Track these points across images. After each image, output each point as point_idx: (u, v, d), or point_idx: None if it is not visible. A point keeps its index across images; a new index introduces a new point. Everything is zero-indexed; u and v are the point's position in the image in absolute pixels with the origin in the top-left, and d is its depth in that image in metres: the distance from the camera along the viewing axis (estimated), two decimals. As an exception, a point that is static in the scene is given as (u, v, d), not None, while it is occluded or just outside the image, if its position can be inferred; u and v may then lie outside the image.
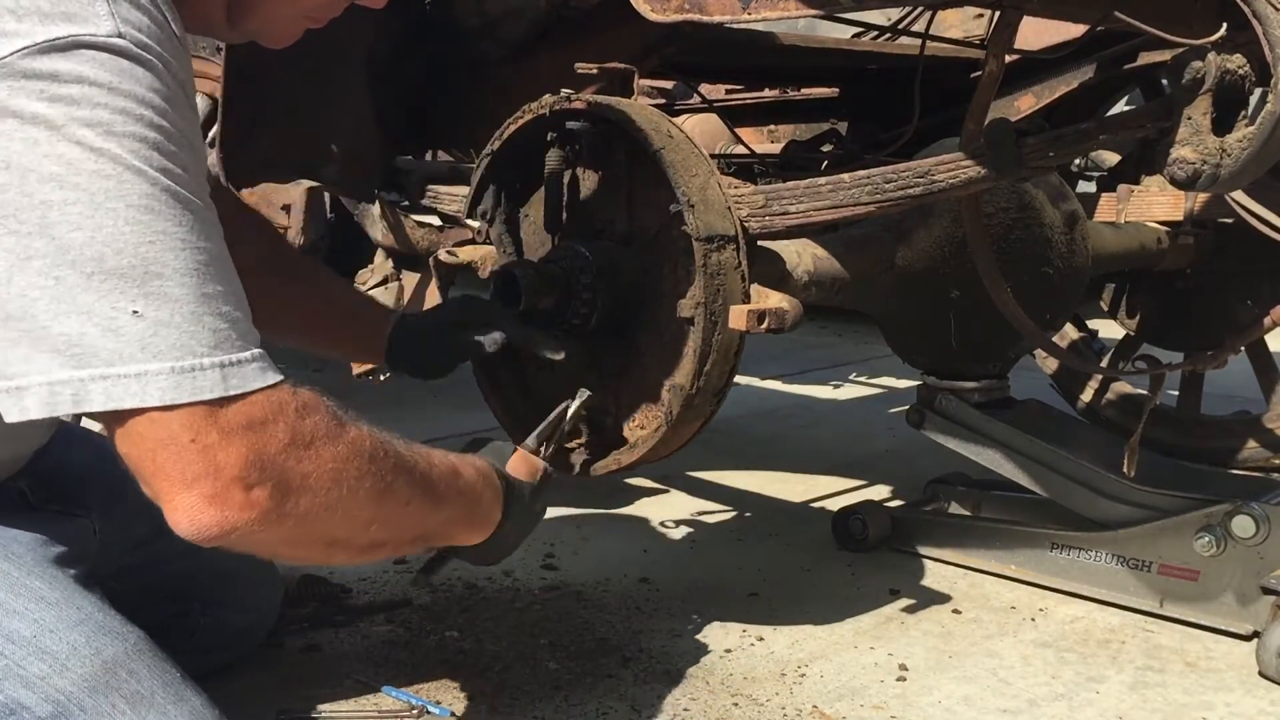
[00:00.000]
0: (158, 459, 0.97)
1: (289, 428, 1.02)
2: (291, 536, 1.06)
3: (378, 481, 1.11)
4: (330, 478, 1.05)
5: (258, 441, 0.99)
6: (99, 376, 0.94)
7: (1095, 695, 1.65)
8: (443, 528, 1.30)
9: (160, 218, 0.96)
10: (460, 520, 1.32)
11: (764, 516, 2.48)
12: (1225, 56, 1.21)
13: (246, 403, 0.99)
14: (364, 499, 1.09)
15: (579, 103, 1.61)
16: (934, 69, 2.24)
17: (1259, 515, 1.78)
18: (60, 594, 1.19)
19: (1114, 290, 2.83)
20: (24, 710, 1.12)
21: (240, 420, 0.98)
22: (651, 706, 1.58)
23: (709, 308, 1.52)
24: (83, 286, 0.93)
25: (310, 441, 1.03)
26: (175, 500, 0.98)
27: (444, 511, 1.26)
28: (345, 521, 1.09)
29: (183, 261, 0.97)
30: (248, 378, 0.99)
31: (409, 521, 1.20)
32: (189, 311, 0.97)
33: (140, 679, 1.17)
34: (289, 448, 1.01)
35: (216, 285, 0.99)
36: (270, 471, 0.99)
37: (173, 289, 0.96)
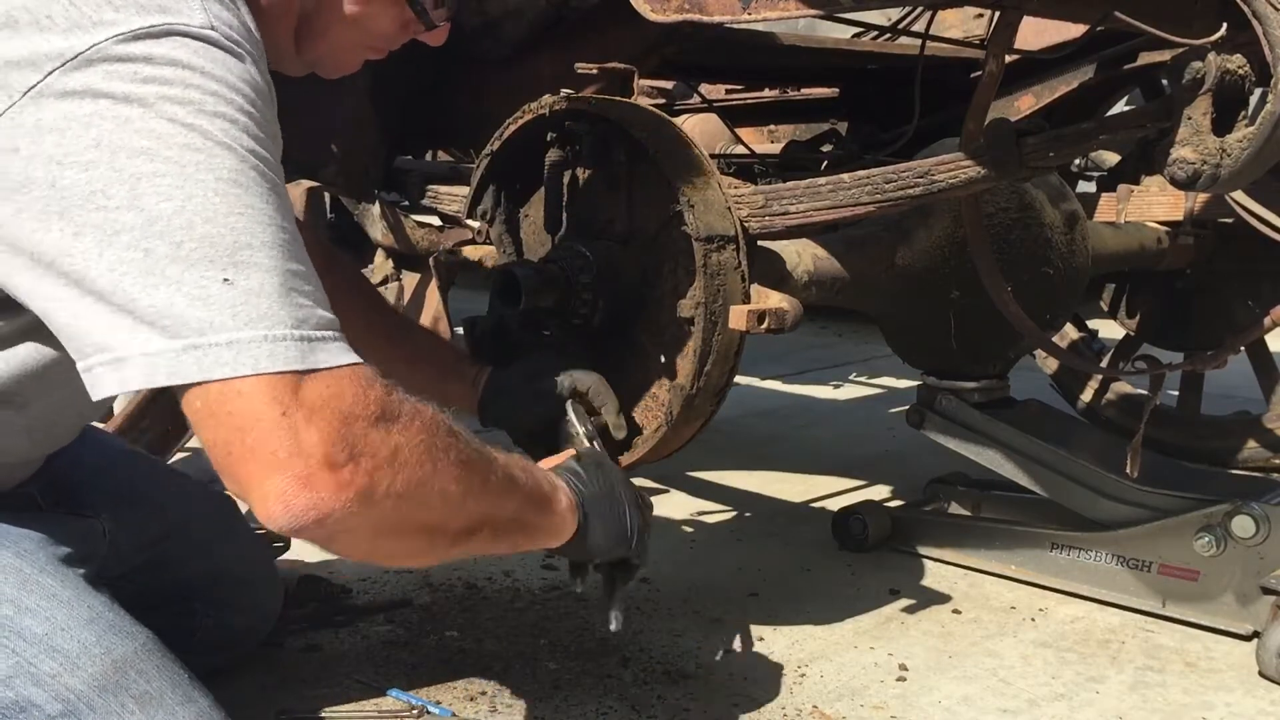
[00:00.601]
0: (247, 441, 0.94)
1: (378, 402, 0.99)
2: (389, 520, 1.01)
3: (462, 454, 1.08)
4: (422, 449, 1.02)
5: (346, 419, 0.96)
6: (191, 346, 0.93)
7: (1095, 695, 1.65)
8: (527, 511, 1.23)
9: (248, 192, 0.98)
10: (541, 498, 1.26)
11: (764, 516, 2.48)
12: (1225, 56, 1.21)
13: (332, 377, 0.97)
14: (455, 471, 1.06)
15: (579, 103, 1.61)
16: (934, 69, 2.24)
17: (1259, 515, 1.78)
18: (72, 592, 1.20)
19: (1114, 290, 2.83)
20: (34, 708, 1.13)
21: (327, 398, 0.96)
22: (651, 706, 1.58)
23: (709, 308, 1.52)
24: (171, 257, 0.93)
25: (397, 416, 1.01)
26: (266, 486, 0.94)
27: (520, 490, 1.20)
28: (441, 499, 1.05)
29: (270, 235, 0.98)
30: (331, 353, 0.98)
31: (497, 498, 1.16)
32: (277, 283, 0.97)
33: (149, 679, 1.18)
34: (378, 423, 0.98)
35: (298, 264, 1.00)
36: (362, 448, 0.96)
37: (261, 259, 0.96)
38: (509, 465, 1.19)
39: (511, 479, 1.18)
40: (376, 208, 2.13)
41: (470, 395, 1.63)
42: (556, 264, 1.62)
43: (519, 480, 1.20)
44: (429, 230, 2.18)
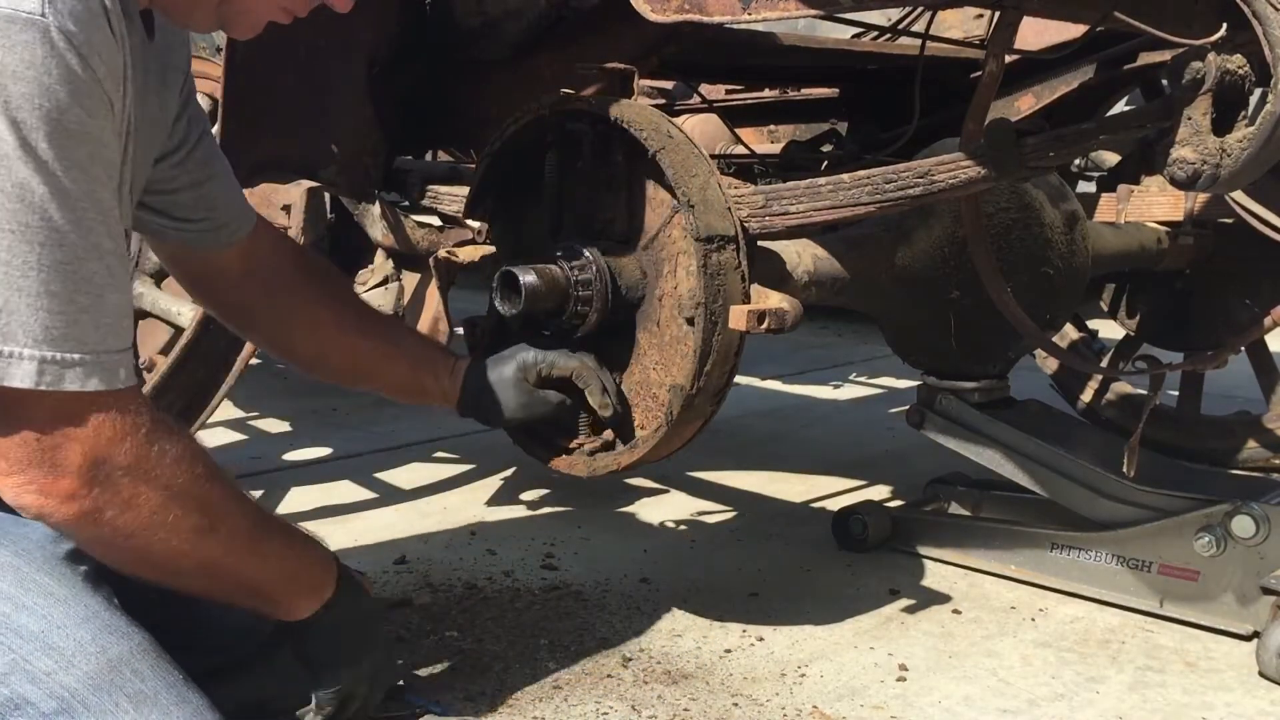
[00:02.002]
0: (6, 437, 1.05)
1: (132, 452, 1.10)
2: (103, 541, 1.14)
3: (203, 523, 1.19)
4: (159, 505, 1.14)
5: (98, 457, 1.08)
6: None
7: (1095, 695, 1.65)
8: (267, 586, 1.32)
9: (30, 208, 1.01)
10: (285, 586, 1.33)
11: (764, 516, 2.48)
12: (1225, 56, 1.21)
13: (80, 404, 1.07)
14: (185, 535, 1.17)
15: (579, 103, 1.61)
16: (934, 69, 2.24)
17: (1259, 515, 1.78)
18: (68, 591, 1.20)
19: (1114, 290, 2.83)
20: (29, 705, 1.13)
21: (84, 429, 1.07)
22: (651, 706, 1.58)
23: (709, 308, 1.52)
24: None
25: (151, 468, 1.12)
26: (7, 477, 1.07)
27: (265, 570, 1.30)
28: (162, 547, 1.17)
29: (38, 256, 1.01)
30: (64, 378, 1.05)
31: (222, 567, 1.25)
32: (27, 304, 1.02)
33: (144, 678, 1.18)
34: (130, 467, 1.10)
35: (69, 286, 1.04)
36: (100, 482, 1.09)
37: (18, 278, 1.01)
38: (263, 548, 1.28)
39: (261, 560, 1.29)
40: (376, 208, 2.13)
41: (449, 388, 1.66)
42: (557, 264, 1.62)
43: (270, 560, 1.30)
44: (429, 230, 2.18)
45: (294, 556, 1.34)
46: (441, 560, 2.13)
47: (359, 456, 2.88)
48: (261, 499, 2.51)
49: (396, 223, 2.13)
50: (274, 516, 1.33)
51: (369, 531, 2.30)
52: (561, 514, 2.44)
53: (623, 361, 1.67)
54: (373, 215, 2.13)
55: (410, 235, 2.14)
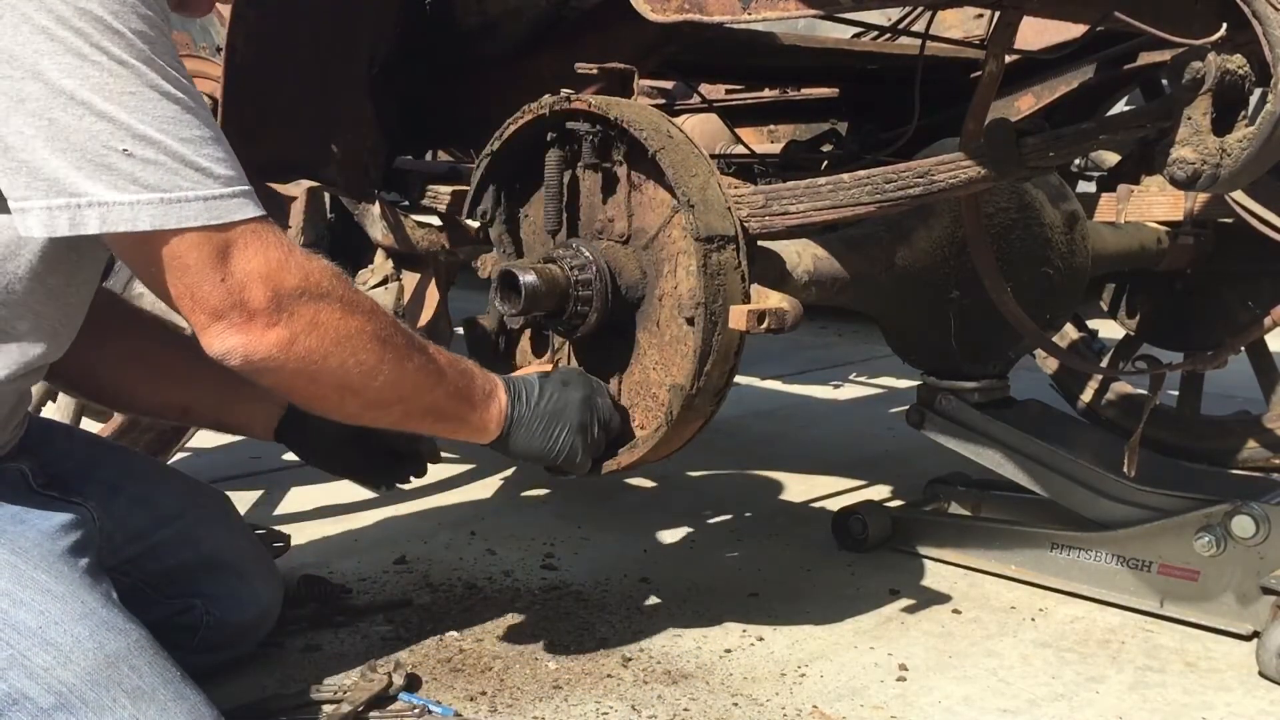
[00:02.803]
0: (195, 296, 1.15)
1: (300, 270, 1.19)
2: (306, 370, 1.21)
3: (380, 331, 1.27)
4: (339, 319, 1.22)
5: (276, 287, 1.17)
6: (95, 203, 1.10)
7: (1095, 695, 1.65)
8: (449, 403, 1.39)
9: (137, 73, 1.11)
10: (463, 397, 1.41)
11: (764, 516, 2.48)
12: (1225, 56, 1.21)
13: (249, 238, 1.16)
14: (370, 344, 1.25)
15: (579, 103, 1.61)
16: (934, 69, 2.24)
17: (1259, 515, 1.78)
18: (65, 588, 1.20)
19: (1114, 290, 2.83)
20: (27, 700, 1.13)
21: (254, 263, 1.15)
22: (651, 706, 1.58)
23: (709, 308, 1.52)
24: (75, 128, 1.08)
25: (320, 284, 1.21)
26: (209, 328, 1.16)
27: (445, 383, 1.38)
28: (355, 365, 1.25)
29: (161, 109, 1.12)
30: (229, 210, 1.15)
31: (414, 380, 1.32)
32: (172, 151, 1.12)
33: (141, 674, 1.18)
34: (302, 288, 1.19)
35: (195, 130, 1.14)
36: (287, 310, 1.18)
37: (154, 133, 1.11)
38: (438, 362, 1.37)
39: (436, 374, 1.36)
40: (376, 208, 2.13)
41: (273, 417, 1.69)
42: (556, 264, 1.62)
43: (444, 377, 1.38)
44: (429, 230, 2.18)
45: (459, 368, 1.41)
46: (441, 560, 2.13)
47: (359, 456, 2.87)
48: (261, 499, 2.51)
49: (396, 223, 2.13)
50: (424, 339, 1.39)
51: (369, 531, 2.30)
52: (561, 514, 2.44)
53: (623, 361, 1.67)
54: (373, 215, 2.13)
55: (410, 235, 2.14)
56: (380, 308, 1.30)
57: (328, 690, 1.57)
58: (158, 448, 2.25)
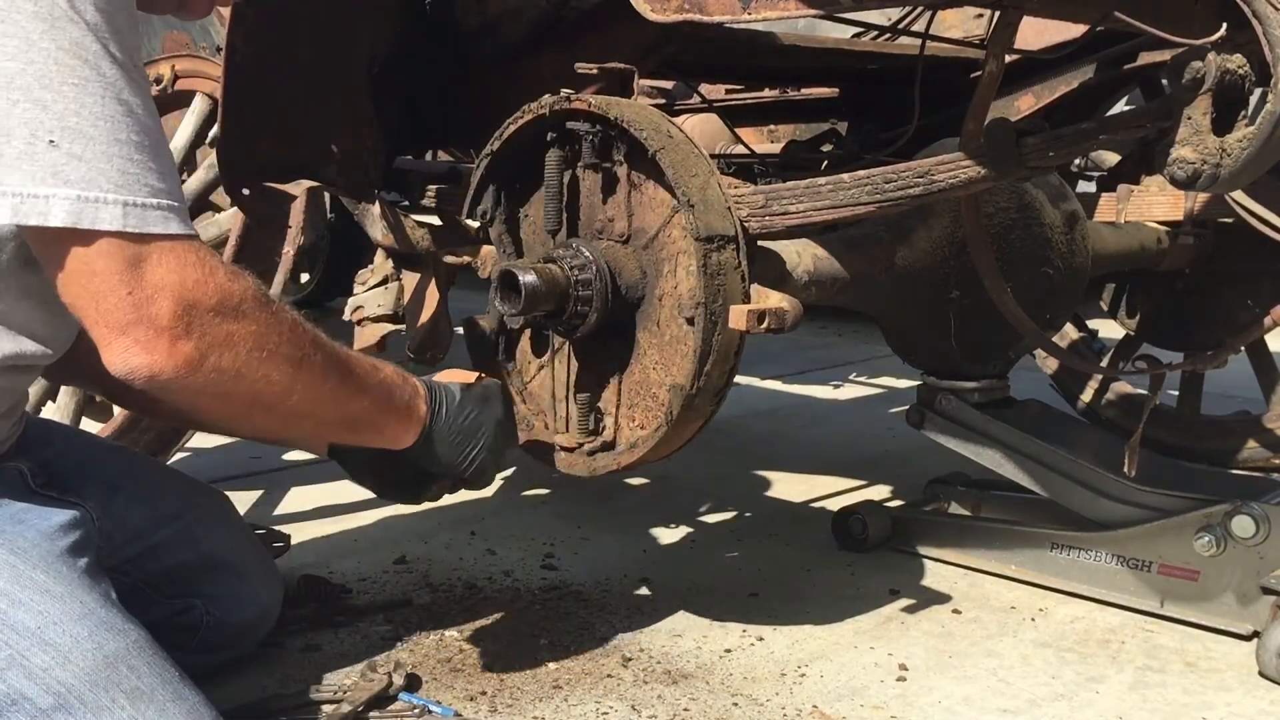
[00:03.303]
0: (100, 307, 1.10)
1: (218, 290, 1.14)
2: (217, 389, 1.17)
3: (297, 351, 1.23)
4: (254, 339, 1.18)
5: (189, 302, 1.12)
6: (10, 193, 1.06)
7: (1095, 695, 1.65)
8: (366, 415, 1.37)
9: (86, 65, 1.07)
10: (383, 409, 1.39)
11: (764, 516, 2.48)
12: (1225, 56, 1.21)
13: (170, 252, 1.11)
14: (284, 364, 1.22)
15: (579, 103, 1.61)
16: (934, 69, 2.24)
17: (1259, 515, 1.78)
18: (64, 588, 1.20)
19: (1114, 290, 2.83)
20: (25, 701, 1.13)
21: (170, 276, 1.11)
22: (651, 706, 1.58)
23: (709, 308, 1.52)
24: (5, 112, 1.05)
25: (237, 305, 1.16)
26: (112, 344, 1.10)
27: (365, 397, 1.35)
28: (267, 386, 1.20)
29: (102, 107, 1.08)
30: (148, 220, 1.10)
31: (330, 397, 1.30)
32: (100, 151, 1.08)
33: (140, 675, 1.18)
34: (217, 307, 1.14)
35: (132, 135, 1.10)
36: (196, 327, 1.13)
37: (88, 128, 1.07)
38: (357, 375, 1.34)
39: (355, 389, 1.34)
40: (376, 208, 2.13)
41: None
42: (556, 264, 1.62)
43: (364, 391, 1.35)
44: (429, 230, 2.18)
45: (382, 383, 1.39)
46: (441, 560, 2.13)
47: (359, 456, 2.87)
48: (261, 499, 2.51)
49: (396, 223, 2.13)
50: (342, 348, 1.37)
51: (369, 531, 2.30)
52: (561, 514, 2.44)
53: (623, 361, 1.67)
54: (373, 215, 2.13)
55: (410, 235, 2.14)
56: (302, 328, 1.26)
57: (328, 690, 1.57)
58: (158, 448, 2.25)
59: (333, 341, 1.33)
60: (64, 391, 2.32)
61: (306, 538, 2.22)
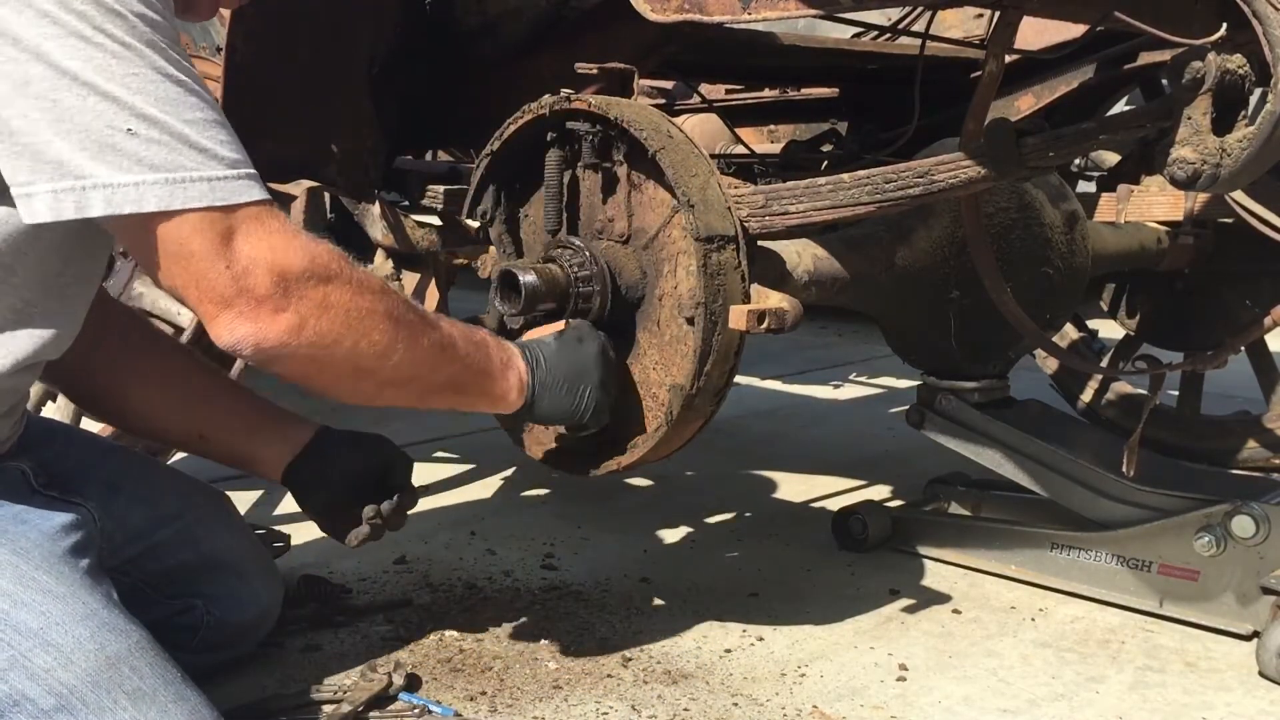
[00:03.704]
0: (201, 286, 1.14)
1: (305, 252, 1.18)
2: (319, 354, 1.20)
3: (392, 310, 1.26)
4: (349, 300, 1.20)
5: (282, 270, 1.15)
6: (100, 185, 1.09)
7: (1095, 695, 1.65)
8: (467, 376, 1.38)
9: (140, 54, 1.11)
10: (481, 370, 1.40)
11: (764, 516, 2.48)
12: (1225, 56, 1.21)
13: (253, 221, 1.15)
14: (382, 324, 1.24)
15: (579, 103, 1.61)
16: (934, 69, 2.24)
17: (1259, 515, 1.78)
18: (66, 589, 1.20)
19: (1114, 290, 2.83)
20: (28, 702, 1.13)
21: (259, 247, 1.14)
22: (651, 706, 1.58)
23: (709, 308, 1.52)
24: (79, 109, 1.08)
25: (326, 267, 1.19)
26: (218, 317, 1.15)
27: (461, 358, 1.36)
28: (369, 346, 1.24)
29: (165, 90, 1.12)
30: (233, 191, 1.14)
31: (429, 357, 1.31)
32: (176, 133, 1.11)
33: (142, 676, 1.18)
34: (309, 274, 1.17)
35: (197, 112, 1.14)
36: (294, 294, 1.16)
37: (157, 113, 1.11)
38: (452, 335, 1.35)
39: (450, 348, 1.35)
40: (376, 208, 2.13)
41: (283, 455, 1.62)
42: (556, 264, 1.62)
43: (459, 351, 1.36)
44: (429, 230, 2.18)
45: (477, 342, 1.40)
46: (441, 560, 2.13)
47: (359, 456, 2.87)
48: (261, 499, 2.51)
49: (396, 223, 2.13)
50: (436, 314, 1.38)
51: (369, 531, 2.30)
52: (561, 514, 2.44)
53: (622, 361, 1.67)
54: (373, 215, 2.13)
55: (410, 235, 2.14)
56: (389, 287, 1.28)
57: (328, 690, 1.57)
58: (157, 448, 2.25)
59: (421, 306, 1.35)
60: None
61: (306, 538, 2.22)
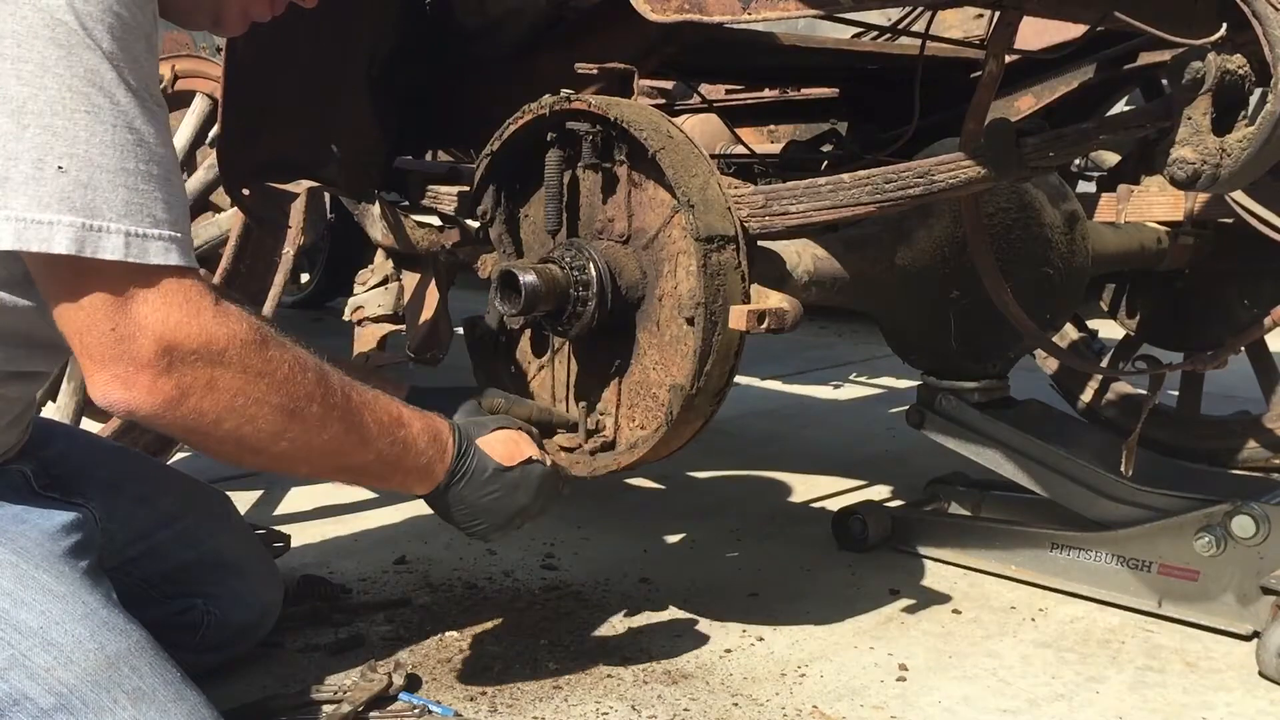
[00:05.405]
0: (84, 340, 1.09)
1: (203, 332, 1.12)
2: (196, 429, 1.16)
3: (289, 401, 1.19)
4: (239, 386, 1.15)
5: (171, 343, 1.10)
6: (14, 218, 1.04)
7: (1095, 695, 1.65)
8: (372, 468, 1.33)
9: (100, 92, 1.06)
10: (390, 467, 1.35)
11: (764, 516, 2.48)
12: (1225, 56, 1.21)
13: (160, 288, 1.10)
14: (270, 415, 1.19)
15: (579, 103, 1.61)
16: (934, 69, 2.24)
17: (1259, 515, 1.78)
18: (67, 588, 1.20)
19: (1114, 290, 2.83)
20: (28, 701, 1.13)
21: (155, 314, 1.09)
22: (651, 706, 1.58)
23: (709, 308, 1.52)
24: (15, 135, 1.04)
25: (222, 350, 1.14)
26: (94, 375, 1.10)
27: (369, 452, 1.31)
28: (251, 431, 1.18)
29: (113, 135, 1.07)
30: (149, 251, 1.09)
31: (325, 448, 1.26)
32: (108, 179, 1.07)
33: (142, 675, 1.18)
34: (199, 351, 1.12)
35: (140, 164, 1.09)
36: (178, 367, 1.11)
37: (96, 156, 1.06)
38: (366, 428, 1.29)
39: (359, 441, 1.29)
40: (376, 208, 2.13)
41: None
42: (557, 264, 1.62)
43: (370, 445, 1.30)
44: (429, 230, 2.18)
45: (398, 442, 1.34)
46: (441, 560, 2.13)
47: (359, 456, 2.87)
48: (261, 499, 2.51)
49: (396, 223, 2.13)
50: (379, 397, 1.33)
51: (369, 531, 2.30)
52: (561, 514, 2.44)
53: (623, 361, 1.67)
54: (373, 215, 2.13)
55: (410, 235, 2.14)
56: (302, 376, 1.21)
57: (328, 690, 1.57)
58: (158, 447, 2.25)
59: (355, 388, 1.29)
60: (64, 391, 2.32)
61: (306, 538, 2.22)
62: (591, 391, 1.71)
